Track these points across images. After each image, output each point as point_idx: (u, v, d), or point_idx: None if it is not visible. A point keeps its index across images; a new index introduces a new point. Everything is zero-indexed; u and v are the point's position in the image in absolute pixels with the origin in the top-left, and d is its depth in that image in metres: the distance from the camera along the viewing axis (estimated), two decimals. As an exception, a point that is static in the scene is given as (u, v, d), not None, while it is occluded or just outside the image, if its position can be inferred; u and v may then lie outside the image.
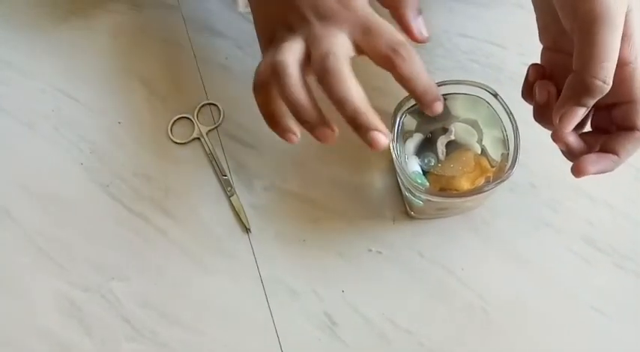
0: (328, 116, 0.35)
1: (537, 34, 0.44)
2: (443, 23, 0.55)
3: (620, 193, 0.47)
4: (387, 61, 0.35)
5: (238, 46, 0.57)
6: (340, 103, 0.34)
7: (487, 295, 0.45)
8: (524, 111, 0.51)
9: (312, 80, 0.36)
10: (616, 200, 0.47)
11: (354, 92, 0.34)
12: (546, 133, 0.50)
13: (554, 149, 0.49)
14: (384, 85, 0.53)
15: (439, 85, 0.42)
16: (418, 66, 0.35)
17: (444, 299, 0.46)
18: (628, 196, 0.47)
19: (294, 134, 0.37)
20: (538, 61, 0.52)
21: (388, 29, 0.36)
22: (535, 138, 0.49)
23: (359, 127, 0.34)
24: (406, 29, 0.40)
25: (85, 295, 0.49)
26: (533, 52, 0.53)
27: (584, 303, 0.44)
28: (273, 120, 0.37)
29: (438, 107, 0.35)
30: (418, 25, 0.40)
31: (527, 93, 0.40)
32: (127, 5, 0.60)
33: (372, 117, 0.34)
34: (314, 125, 0.34)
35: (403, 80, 0.35)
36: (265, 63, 0.37)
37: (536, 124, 0.50)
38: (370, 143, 0.34)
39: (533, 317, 0.45)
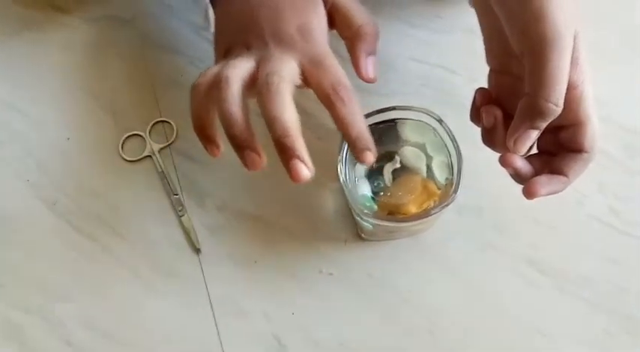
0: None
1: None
2: (396, 47, 0.56)
3: (564, 217, 0.49)
4: (328, 99, 0.36)
5: (194, 63, 0.57)
6: (272, 121, 0.34)
7: (434, 317, 0.46)
8: (475, 134, 0.52)
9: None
10: (560, 223, 0.48)
11: (288, 114, 0.34)
12: (495, 156, 0.51)
13: (502, 172, 0.50)
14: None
15: (388, 110, 0.43)
16: (355, 111, 0.36)
17: (392, 321, 0.46)
18: (572, 220, 0.49)
19: (217, 148, 0.38)
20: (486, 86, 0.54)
21: (337, 70, 0.37)
22: (484, 160, 0.50)
23: (284, 150, 0.34)
24: (356, 64, 0.42)
25: (27, 317, 0.48)
26: (483, 77, 0.54)
27: (528, 326, 0.45)
28: (200, 126, 0.37)
29: (368, 157, 0.36)
30: (367, 64, 0.41)
31: (475, 117, 0.42)
32: (81, 19, 0.60)
33: (299, 145, 0.34)
34: (241, 145, 0.35)
35: (338, 122, 0.36)
36: (211, 71, 0.37)
37: (484, 148, 0.51)
38: (291, 172, 0.34)
39: (479, 340, 0.45)
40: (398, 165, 0.43)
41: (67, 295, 0.48)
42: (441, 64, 0.56)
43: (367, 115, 0.43)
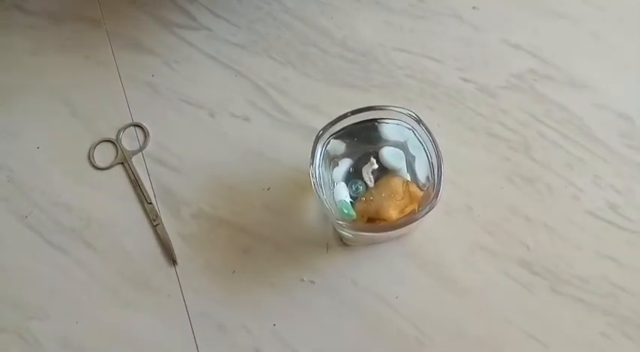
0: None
1: (474, 48, 0.42)
2: (379, 37, 0.53)
3: (558, 214, 0.46)
4: None
5: (167, 63, 0.54)
6: None
7: (422, 323, 0.44)
8: (459, 128, 0.49)
9: None
10: (554, 221, 0.46)
11: None
12: (482, 152, 0.48)
13: (491, 169, 0.48)
14: (319, 103, 0.51)
15: (366, 111, 0.40)
16: None
17: (378, 329, 0.44)
18: (566, 217, 0.46)
19: None
20: (474, 75, 0.51)
21: None
22: (471, 157, 0.48)
23: None
24: None
25: (2, 336, 0.46)
26: (470, 66, 0.52)
27: (520, 330, 0.43)
28: None
29: None
30: None
31: None
32: (48, 20, 0.57)
33: None
34: None
35: None
36: None
37: (472, 141, 0.49)
38: None
39: (469, 346, 0.43)
40: (375, 166, 0.41)
41: (41, 312, 0.46)
42: (426, 53, 0.52)
43: (342, 117, 0.40)
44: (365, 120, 0.41)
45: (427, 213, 0.37)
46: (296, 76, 0.52)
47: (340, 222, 0.37)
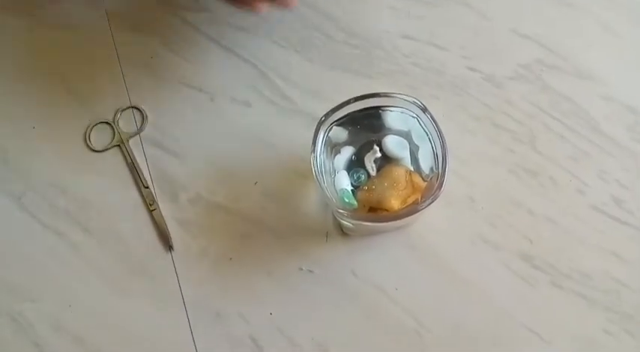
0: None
1: (481, 37, 0.41)
2: (383, 23, 0.52)
3: (562, 208, 0.45)
4: None
5: (167, 44, 0.53)
6: None
7: (421, 316, 0.43)
8: (464, 117, 0.48)
9: None
10: (557, 215, 0.45)
11: None
12: (487, 143, 0.47)
13: (495, 160, 0.47)
14: (322, 89, 0.50)
15: (370, 97, 0.39)
16: None
17: (377, 321, 0.43)
18: (570, 211, 0.45)
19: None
20: (481, 65, 0.50)
21: None
22: (475, 148, 0.47)
23: None
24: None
25: (-6, 318, 0.45)
26: (476, 54, 0.51)
27: (520, 325, 0.42)
28: None
29: None
30: None
31: None
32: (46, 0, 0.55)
33: None
34: None
35: None
36: None
37: (476, 132, 0.48)
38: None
39: (469, 339, 0.42)
40: (378, 155, 0.40)
41: (35, 296, 0.46)
42: (432, 41, 0.51)
43: (345, 103, 0.39)
44: (368, 108, 0.40)
45: (430, 204, 0.36)
46: (299, 61, 0.51)
47: (341, 211, 0.36)
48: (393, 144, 0.40)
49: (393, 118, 0.40)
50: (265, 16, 0.53)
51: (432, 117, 0.37)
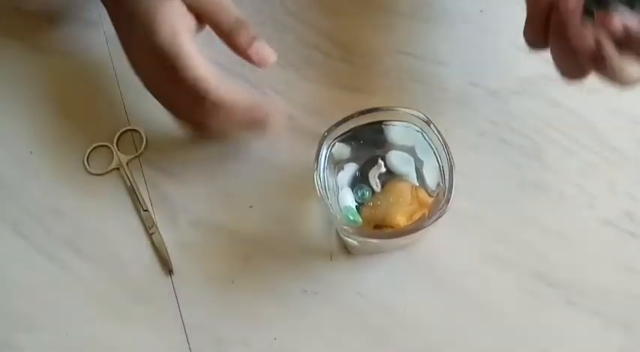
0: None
1: (483, 52, 0.41)
2: (383, 40, 0.52)
3: (573, 223, 0.44)
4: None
5: (165, 65, 0.52)
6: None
7: (430, 338, 0.41)
8: (469, 133, 0.48)
9: None
10: (569, 230, 0.44)
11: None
12: (493, 159, 0.46)
13: (502, 175, 0.46)
14: (322, 107, 0.49)
15: (372, 112, 0.39)
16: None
17: (384, 343, 0.42)
18: (581, 226, 0.44)
19: None
20: (484, 80, 0.49)
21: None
22: (481, 164, 0.46)
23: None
24: (247, 56, 0.42)
25: (-11, 349, 0.44)
26: (479, 70, 0.50)
27: (537, 346, 0.41)
28: None
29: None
30: (258, 50, 0.42)
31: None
32: (44, 21, 0.55)
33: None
34: None
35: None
36: None
37: (482, 147, 0.47)
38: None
39: (482, 362, 0.41)
40: (383, 170, 0.39)
41: (29, 325, 0.44)
42: (432, 57, 0.51)
43: (348, 118, 0.39)
44: (371, 123, 0.39)
45: (438, 219, 0.35)
46: (298, 80, 0.51)
47: (346, 228, 0.35)
48: (397, 159, 0.39)
49: (396, 133, 0.39)
50: (263, 35, 0.52)
51: (437, 129, 0.37)
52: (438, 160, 0.38)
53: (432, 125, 0.37)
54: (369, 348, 0.41)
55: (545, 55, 0.50)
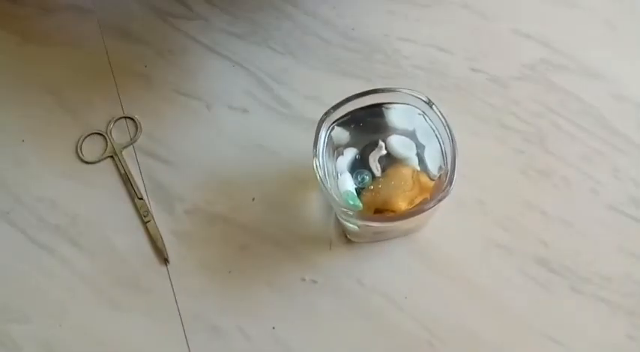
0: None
1: (484, 38, 0.40)
2: (383, 27, 0.51)
3: (576, 208, 0.43)
4: None
5: (160, 53, 0.51)
6: None
7: (433, 326, 0.40)
8: (470, 120, 0.47)
9: None
10: (572, 216, 0.43)
11: None
12: (495, 145, 0.46)
13: (504, 161, 0.45)
14: (320, 94, 0.48)
15: (371, 93, 0.38)
16: None
17: (386, 332, 0.41)
18: (585, 211, 0.43)
19: None
20: (485, 66, 0.48)
21: None
22: (483, 151, 0.45)
23: None
24: None
25: (-21, 341, 0.43)
26: (480, 56, 0.49)
27: (541, 333, 0.40)
28: None
29: None
30: None
31: None
32: (36, 9, 0.54)
33: None
34: None
35: None
36: None
37: (483, 133, 0.46)
38: None
39: (483, 349, 0.40)
40: (384, 152, 0.38)
41: (22, 315, 0.43)
42: (433, 43, 0.50)
43: (347, 99, 0.38)
44: (371, 105, 0.38)
45: (440, 200, 0.34)
46: (296, 67, 0.50)
47: (345, 210, 0.34)
48: (398, 144, 0.38)
49: (397, 116, 0.38)
50: (261, 22, 0.51)
51: (439, 110, 0.36)
52: (439, 142, 0.37)
53: (434, 106, 0.36)
54: (370, 336, 0.40)
55: (545, 41, 0.50)
